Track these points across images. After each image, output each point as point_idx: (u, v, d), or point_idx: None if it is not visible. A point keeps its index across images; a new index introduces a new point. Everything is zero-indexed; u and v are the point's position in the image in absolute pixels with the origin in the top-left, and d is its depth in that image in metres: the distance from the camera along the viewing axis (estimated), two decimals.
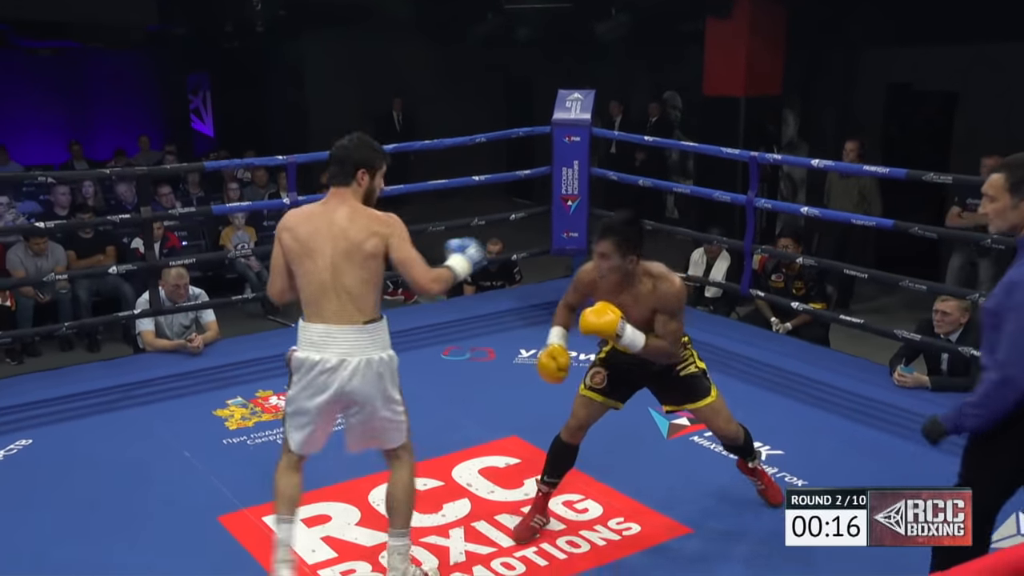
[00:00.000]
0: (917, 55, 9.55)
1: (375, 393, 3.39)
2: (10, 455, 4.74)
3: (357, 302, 3.36)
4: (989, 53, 8.92)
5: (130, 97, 13.62)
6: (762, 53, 9.14)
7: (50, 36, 11.90)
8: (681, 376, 3.82)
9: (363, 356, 3.36)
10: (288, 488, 3.48)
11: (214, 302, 6.33)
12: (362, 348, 3.36)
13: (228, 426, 5.05)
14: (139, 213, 5.98)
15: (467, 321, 6.70)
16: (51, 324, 8.07)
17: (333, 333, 3.35)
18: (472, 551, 3.88)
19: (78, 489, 4.38)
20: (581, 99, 6.84)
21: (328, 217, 3.39)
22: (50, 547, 3.90)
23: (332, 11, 11.88)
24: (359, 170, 3.42)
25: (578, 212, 6.93)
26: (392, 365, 3.44)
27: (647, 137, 6.96)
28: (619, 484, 4.35)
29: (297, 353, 3.41)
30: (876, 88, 10.10)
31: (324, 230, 3.37)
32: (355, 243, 3.34)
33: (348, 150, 3.45)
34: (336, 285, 3.35)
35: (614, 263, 3.60)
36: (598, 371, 3.91)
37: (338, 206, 3.40)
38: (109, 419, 5.16)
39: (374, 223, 3.38)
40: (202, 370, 5.76)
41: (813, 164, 5.85)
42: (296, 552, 3.61)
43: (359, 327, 3.36)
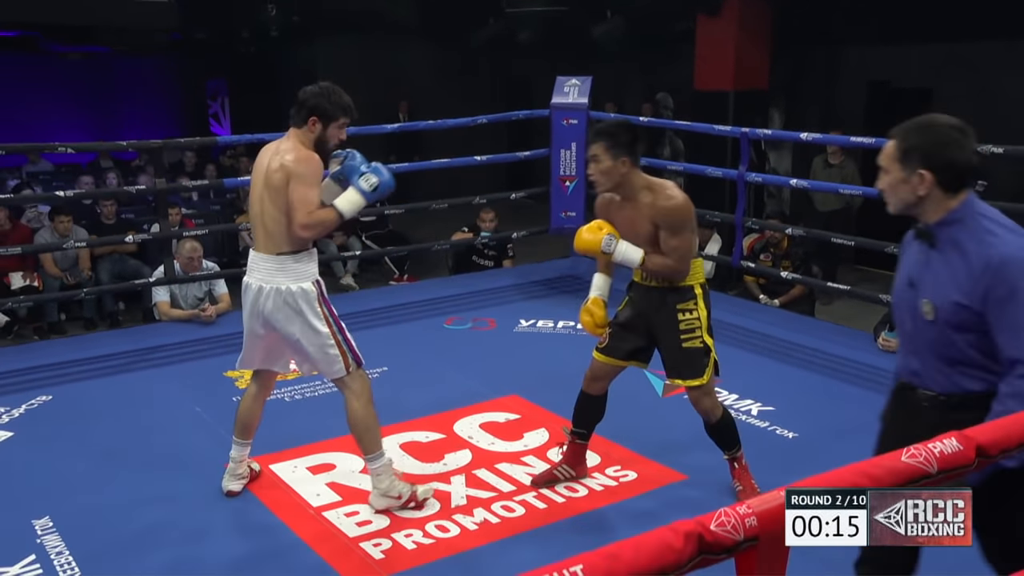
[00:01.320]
0: (895, 53, 9.44)
1: (288, 320, 3.38)
2: (31, 409, 4.62)
3: (271, 234, 3.34)
4: (961, 52, 8.83)
5: (153, 100, 13.52)
6: (750, 49, 9.03)
7: (79, 41, 11.76)
8: (684, 347, 3.43)
9: (274, 284, 3.35)
10: (244, 411, 3.67)
11: (226, 272, 6.18)
12: (273, 276, 3.36)
13: (238, 385, 4.89)
14: (160, 212, 5.86)
15: (468, 295, 6.55)
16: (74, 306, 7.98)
17: (256, 260, 3.41)
18: (473, 495, 3.73)
19: (94, 438, 4.26)
20: (579, 84, 6.69)
21: (268, 152, 3.40)
22: (68, 490, 3.78)
23: (343, 18, 11.77)
24: (311, 116, 3.37)
25: (576, 192, 6.77)
26: (308, 297, 3.38)
27: (642, 118, 6.79)
28: (617, 436, 4.18)
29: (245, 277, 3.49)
30: (857, 85, 9.97)
31: (261, 163, 3.40)
32: (267, 174, 3.32)
33: (307, 95, 3.39)
34: (259, 216, 3.36)
35: (605, 165, 3.29)
36: (607, 331, 3.61)
37: (280, 143, 3.40)
38: (125, 379, 5.02)
39: (286, 156, 3.31)
40: (215, 337, 5.61)
41: (802, 137, 5.68)
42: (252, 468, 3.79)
43: (273, 257, 3.36)
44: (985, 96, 8.67)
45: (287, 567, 3.25)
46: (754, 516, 1.26)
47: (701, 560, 1.20)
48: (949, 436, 1.47)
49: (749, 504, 1.28)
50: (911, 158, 2.21)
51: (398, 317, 6.02)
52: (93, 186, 9.10)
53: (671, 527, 1.20)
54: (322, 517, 3.54)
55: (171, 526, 3.49)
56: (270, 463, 3.98)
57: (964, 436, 1.48)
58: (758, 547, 1.25)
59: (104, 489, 3.79)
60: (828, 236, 5.96)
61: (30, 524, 3.49)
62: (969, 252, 2.16)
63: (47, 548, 3.34)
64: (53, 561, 3.25)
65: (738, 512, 1.25)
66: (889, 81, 9.75)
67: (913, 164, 2.20)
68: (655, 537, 1.16)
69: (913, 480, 1.39)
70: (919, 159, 2.20)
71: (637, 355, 3.60)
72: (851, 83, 10.04)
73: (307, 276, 3.40)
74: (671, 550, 1.16)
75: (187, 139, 8.91)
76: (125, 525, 3.50)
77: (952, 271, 2.19)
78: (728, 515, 1.25)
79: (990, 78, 8.73)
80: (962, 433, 1.49)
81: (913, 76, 9.44)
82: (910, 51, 9.27)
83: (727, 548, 1.23)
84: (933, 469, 1.42)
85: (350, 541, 3.38)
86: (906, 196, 2.24)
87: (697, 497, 3.67)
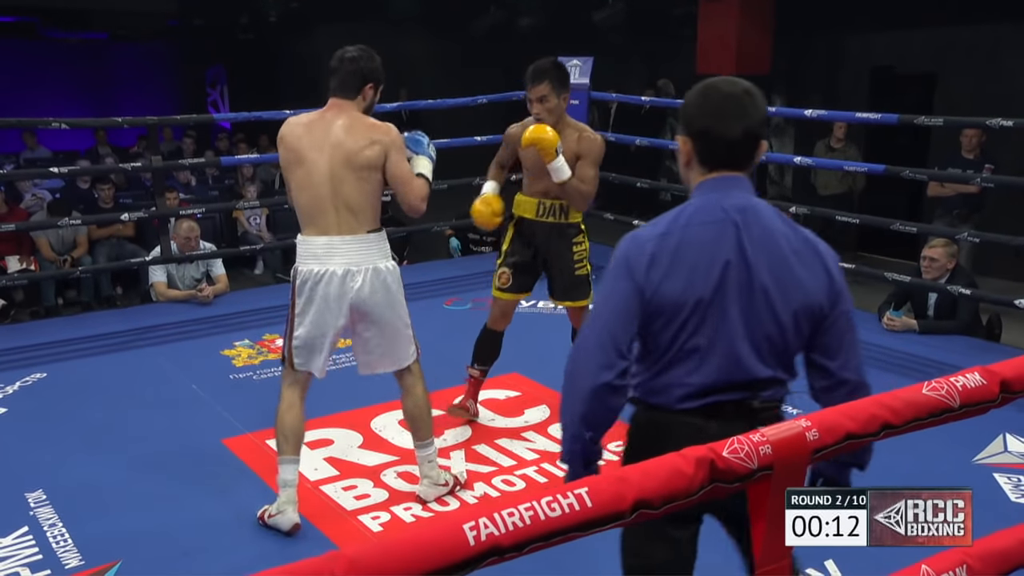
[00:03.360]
0: (898, 38, 9.37)
1: (386, 303, 3.12)
2: (26, 385, 4.57)
3: (357, 213, 3.06)
4: (965, 36, 8.76)
5: (152, 87, 13.42)
6: (751, 34, 8.96)
7: (77, 27, 11.67)
8: (576, 274, 3.92)
9: (369, 265, 3.08)
10: (295, 422, 3.17)
11: (223, 252, 6.12)
12: (366, 257, 3.08)
13: (235, 364, 4.84)
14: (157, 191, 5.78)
15: (467, 277, 6.48)
16: (72, 292, 7.93)
17: (336, 244, 3.05)
18: (473, 470, 3.67)
19: (90, 415, 4.20)
20: (580, 64, 6.63)
21: (325, 127, 3.07)
22: (62, 464, 3.72)
23: (342, 5, 11.68)
24: (367, 83, 3.12)
25: None
26: (397, 275, 3.18)
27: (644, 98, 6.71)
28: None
29: (299, 266, 3.11)
30: (860, 71, 9.89)
31: (320, 139, 3.05)
32: (353, 152, 3.03)
33: (357, 62, 3.12)
34: (335, 196, 3.04)
35: (551, 104, 3.62)
36: (503, 272, 3.97)
37: (336, 116, 3.09)
38: (120, 357, 4.96)
39: (374, 131, 3.07)
40: (211, 317, 5.55)
41: (807, 114, 5.60)
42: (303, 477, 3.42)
43: (362, 236, 3.07)
44: (989, 79, 8.61)
45: (283, 539, 3.18)
46: (769, 444, 1.19)
47: (713, 488, 1.14)
48: (973, 371, 1.41)
49: (764, 432, 1.21)
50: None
51: None
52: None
53: (681, 453, 1.14)
54: (320, 491, 3.48)
55: (164, 499, 3.43)
56: (267, 439, 3.91)
57: (988, 371, 1.41)
58: (772, 477, 1.19)
59: (97, 463, 3.73)
60: (832, 214, 5.89)
61: (23, 497, 3.43)
62: None
63: (40, 520, 3.28)
64: (46, 533, 3.19)
65: (752, 440, 1.19)
66: (893, 66, 9.67)
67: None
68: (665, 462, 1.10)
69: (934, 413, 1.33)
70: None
71: (528, 287, 4.04)
72: (853, 69, 9.96)
73: (390, 253, 3.18)
74: (681, 475, 1.09)
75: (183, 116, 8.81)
76: (118, 498, 3.44)
77: None
78: (742, 443, 1.19)
79: (995, 62, 8.66)
80: (986, 368, 1.42)
81: (917, 61, 9.38)
82: (913, 36, 9.20)
83: (741, 476, 1.16)
84: (955, 403, 1.36)
85: (348, 514, 3.32)
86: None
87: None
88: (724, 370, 1.77)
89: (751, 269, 1.76)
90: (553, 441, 3.90)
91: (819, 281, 1.81)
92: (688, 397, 1.81)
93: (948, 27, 8.81)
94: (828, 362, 1.82)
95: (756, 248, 1.77)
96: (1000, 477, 3.57)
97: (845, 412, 1.29)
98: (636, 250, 1.79)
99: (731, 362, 1.77)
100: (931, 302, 5.29)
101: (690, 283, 1.75)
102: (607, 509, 1.05)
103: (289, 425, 3.17)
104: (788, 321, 1.77)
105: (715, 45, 9.11)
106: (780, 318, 1.77)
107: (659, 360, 1.83)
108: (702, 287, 1.75)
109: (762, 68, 9.17)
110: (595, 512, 1.04)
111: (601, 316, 1.81)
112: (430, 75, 13.09)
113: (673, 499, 1.09)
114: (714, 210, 1.79)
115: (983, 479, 3.53)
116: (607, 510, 1.05)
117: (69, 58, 12.71)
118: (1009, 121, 4.48)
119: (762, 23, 9.13)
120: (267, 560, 3.05)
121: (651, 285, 1.76)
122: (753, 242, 1.78)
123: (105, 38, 12.29)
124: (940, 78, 9.24)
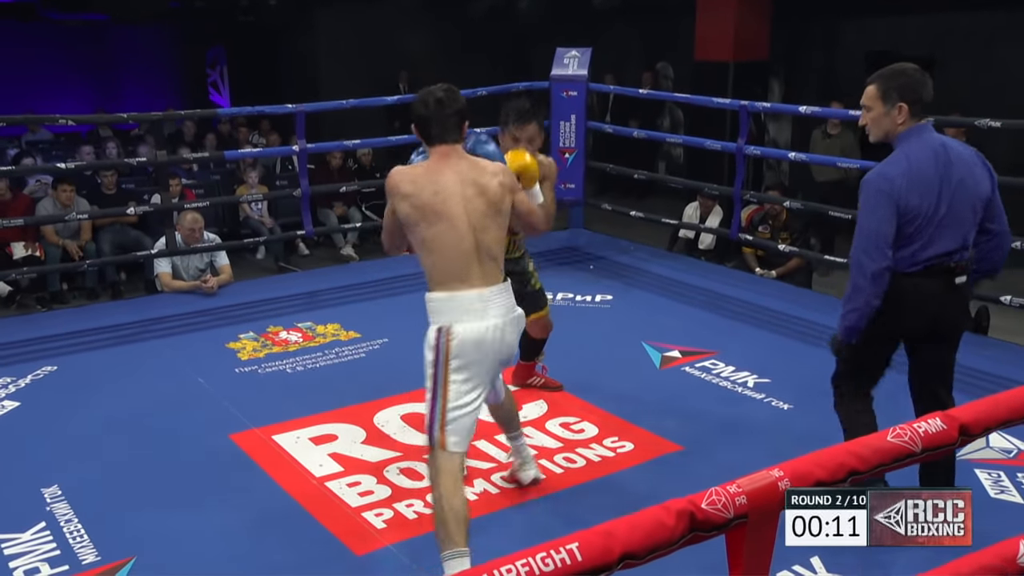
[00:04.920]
0: (894, 23, 9.41)
1: (516, 343, 3.06)
2: (37, 379, 4.68)
3: (498, 259, 2.94)
4: (961, 21, 8.81)
5: (152, 68, 13.45)
6: (749, 20, 9.01)
7: (77, 9, 11.68)
8: (533, 290, 4.15)
9: (516, 312, 2.98)
10: (465, 508, 2.81)
11: (227, 244, 6.22)
12: (512, 304, 2.98)
13: (240, 357, 4.94)
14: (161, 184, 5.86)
15: None
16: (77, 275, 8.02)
17: (487, 297, 2.88)
18: (473, 466, 3.77)
19: (99, 408, 4.32)
20: (578, 56, 6.68)
21: (454, 178, 2.87)
22: (75, 459, 3.85)
23: None
24: (464, 122, 2.93)
25: (575, 164, 6.79)
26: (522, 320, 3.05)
27: (641, 90, 6.80)
28: (615, 408, 4.25)
29: (455, 327, 2.84)
30: (856, 55, 9.94)
31: (454, 192, 2.85)
32: (493, 201, 2.90)
33: (454, 105, 2.89)
34: (479, 248, 2.88)
35: (539, 142, 3.86)
36: None
37: (457, 163, 2.90)
38: (127, 350, 5.06)
39: (500, 176, 2.95)
40: (216, 308, 5.65)
41: (801, 111, 5.70)
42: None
43: (503, 285, 2.95)
44: (985, 65, 8.66)
45: (289, 535, 3.31)
46: (744, 495, 1.30)
47: (692, 537, 1.25)
48: (933, 416, 1.51)
49: (739, 484, 1.32)
50: (891, 97, 2.92)
51: (399, 288, 6.04)
52: (93, 156, 9.10)
53: (663, 506, 1.24)
54: (324, 487, 3.60)
55: (175, 496, 3.55)
56: (272, 434, 4.03)
57: (948, 416, 1.52)
58: (748, 524, 1.30)
59: (109, 457, 3.85)
60: (826, 209, 5.98)
61: (39, 492, 3.55)
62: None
63: (56, 516, 3.40)
64: (63, 528, 3.32)
65: (728, 491, 1.30)
66: (889, 51, 9.70)
67: (893, 100, 2.93)
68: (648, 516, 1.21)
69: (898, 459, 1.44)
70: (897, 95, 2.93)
71: None
72: (850, 53, 10.01)
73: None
74: (664, 528, 1.20)
75: (187, 111, 8.86)
76: (130, 494, 3.56)
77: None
78: (719, 494, 1.29)
79: (991, 48, 8.71)
80: (946, 413, 1.53)
81: (913, 46, 9.41)
82: (910, 21, 9.25)
83: (717, 525, 1.28)
84: (918, 448, 1.46)
85: (352, 511, 3.43)
86: (888, 127, 2.96)
87: (692, 467, 3.73)
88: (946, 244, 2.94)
89: (954, 180, 2.90)
90: (549, 436, 4.02)
91: (986, 179, 3.00)
92: (915, 263, 2.95)
93: (946, 13, 8.85)
94: (992, 225, 3.03)
95: (955, 165, 2.91)
96: (981, 473, 3.68)
97: (815, 461, 1.40)
98: (887, 182, 2.88)
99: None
100: None
101: (921, 196, 2.87)
102: (596, 562, 1.16)
103: (459, 509, 2.78)
104: (979, 206, 2.96)
105: (713, 31, 9.17)
106: (974, 204, 2.94)
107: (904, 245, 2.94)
108: (929, 197, 2.88)
109: (760, 54, 9.25)
110: (585, 565, 1.15)
111: (871, 224, 2.90)
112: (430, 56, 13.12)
113: (656, 549, 1.20)
114: (924, 148, 2.91)
115: (964, 474, 3.63)
116: (596, 563, 1.16)
117: (69, 40, 12.72)
118: (997, 122, 4.59)
119: (760, 9, 9.18)
120: (274, 555, 3.18)
121: (902, 199, 2.86)
122: (952, 163, 2.91)
123: (106, 20, 12.30)
124: (937, 63, 9.29)
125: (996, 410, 1.55)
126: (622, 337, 5.16)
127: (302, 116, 6.06)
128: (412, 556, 3.16)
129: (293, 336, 5.21)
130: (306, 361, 4.87)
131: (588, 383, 4.50)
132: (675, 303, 5.75)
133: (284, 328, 5.32)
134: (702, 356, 4.83)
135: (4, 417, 4.26)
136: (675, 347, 4.97)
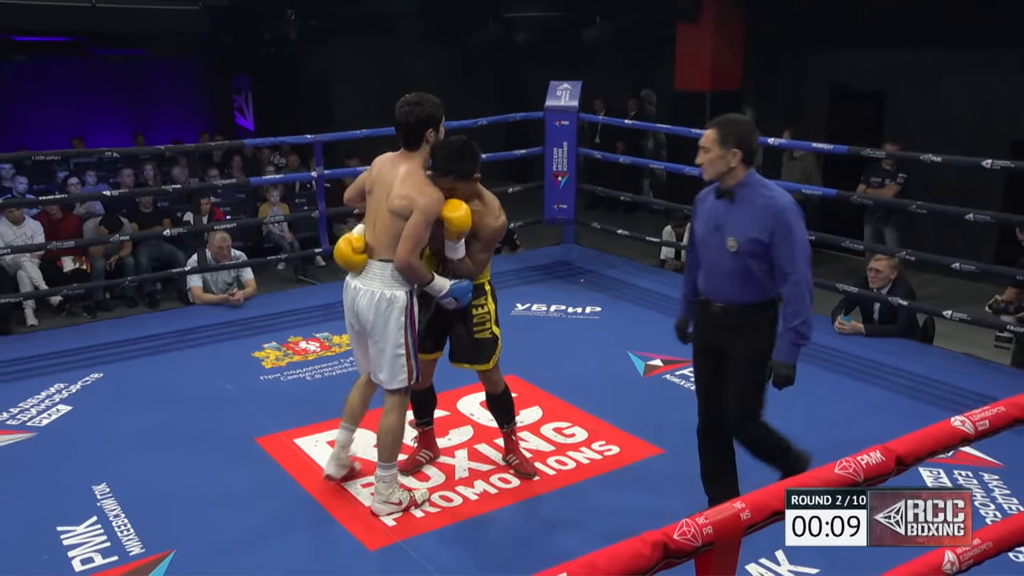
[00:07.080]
0: (852, 58, 9.47)
1: (376, 320, 3.30)
2: (86, 385, 4.75)
3: (381, 244, 3.32)
4: (910, 58, 8.88)
5: (185, 97, 13.69)
6: (724, 53, 9.07)
7: (120, 45, 11.99)
8: (476, 338, 3.56)
9: (372, 288, 3.32)
10: (351, 400, 3.61)
11: (252, 261, 6.29)
12: (374, 279, 3.32)
13: (264, 365, 5.00)
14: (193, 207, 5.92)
15: None
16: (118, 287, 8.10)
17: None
18: (474, 468, 3.84)
19: (140, 413, 4.38)
20: (570, 89, 6.74)
21: (392, 170, 3.34)
22: (122, 459, 3.92)
23: (355, 22, 11.77)
24: (427, 130, 3.32)
25: (567, 187, 6.85)
26: (398, 305, 3.29)
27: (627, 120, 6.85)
28: (603, 414, 4.30)
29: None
30: (821, 86, 10.00)
31: (385, 179, 3.34)
32: (392, 199, 3.28)
33: (414, 113, 3.31)
34: (375, 224, 3.35)
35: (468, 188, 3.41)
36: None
37: (401, 163, 3.34)
38: (164, 359, 5.12)
39: (414, 191, 3.25)
40: (242, 320, 5.70)
41: (770, 142, 5.79)
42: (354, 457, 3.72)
43: (377, 262, 3.33)
44: (932, 99, 8.74)
45: (316, 536, 3.36)
46: (711, 526, 1.37)
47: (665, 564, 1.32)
48: (874, 449, 1.58)
49: (707, 516, 1.39)
50: (728, 142, 2.95)
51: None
52: (132, 177, 9.17)
53: (640, 538, 1.31)
54: (341, 487, 3.65)
55: (209, 494, 3.60)
56: (294, 437, 4.09)
57: (886, 448, 1.59)
58: (714, 551, 1.36)
59: (151, 458, 3.92)
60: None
61: (91, 489, 3.62)
62: (756, 204, 2.97)
63: (106, 511, 3.47)
64: (112, 523, 3.38)
65: (697, 522, 1.36)
66: (848, 84, 9.78)
67: (729, 145, 2.94)
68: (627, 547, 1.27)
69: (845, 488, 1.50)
70: (734, 142, 2.96)
71: (440, 347, 3.67)
72: (815, 84, 10.07)
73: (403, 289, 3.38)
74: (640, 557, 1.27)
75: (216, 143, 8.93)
76: (169, 491, 3.63)
77: (750, 216, 2.98)
78: (689, 525, 1.36)
79: (937, 83, 8.78)
80: (885, 446, 1.60)
81: (868, 79, 9.49)
82: (865, 56, 9.31)
83: (687, 553, 1.34)
84: (860, 478, 1.53)
85: (366, 509, 3.49)
86: (722, 168, 2.99)
87: (672, 469, 3.79)
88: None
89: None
90: (543, 440, 4.07)
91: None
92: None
93: (895, 49, 8.91)
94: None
95: None
96: (924, 471, 3.72)
97: (773, 494, 1.46)
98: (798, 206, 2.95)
99: None
100: (876, 307, 5.47)
101: None
102: None
103: (347, 399, 3.70)
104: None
105: (691, 62, 9.22)
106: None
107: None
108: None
109: (734, 84, 9.29)
110: None
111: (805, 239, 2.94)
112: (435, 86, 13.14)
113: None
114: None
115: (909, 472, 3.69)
116: None
117: (112, 73, 13.07)
118: (939, 157, 4.70)
119: (734, 43, 9.23)
120: (295, 548, 3.24)
121: None
122: None
123: (145, 54, 12.52)
124: (889, 96, 9.37)
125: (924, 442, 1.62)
126: (609, 346, 5.21)
127: (320, 145, 6.11)
128: (420, 552, 3.22)
129: (312, 346, 5.26)
130: (324, 369, 4.92)
131: (578, 389, 4.55)
132: (658, 314, 5.79)
133: (304, 338, 5.37)
134: (682, 364, 4.87)
135: (59, 420, 4.33)
136: (658, 356, 5.01)
